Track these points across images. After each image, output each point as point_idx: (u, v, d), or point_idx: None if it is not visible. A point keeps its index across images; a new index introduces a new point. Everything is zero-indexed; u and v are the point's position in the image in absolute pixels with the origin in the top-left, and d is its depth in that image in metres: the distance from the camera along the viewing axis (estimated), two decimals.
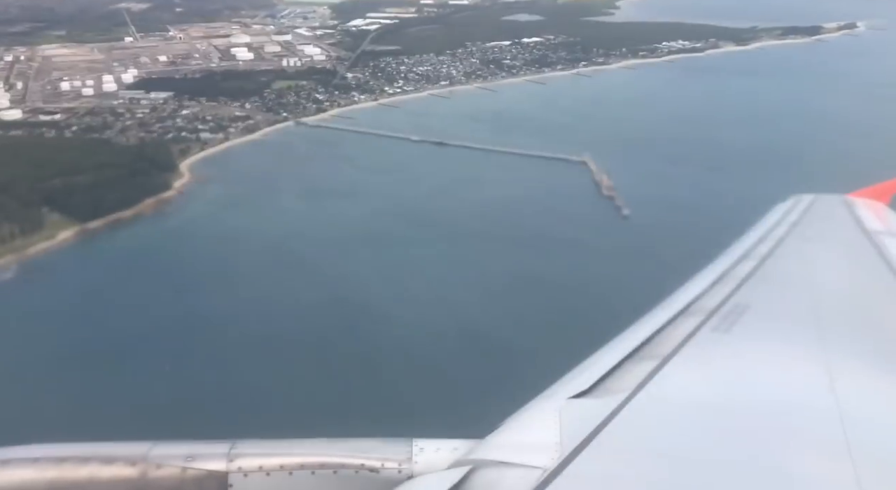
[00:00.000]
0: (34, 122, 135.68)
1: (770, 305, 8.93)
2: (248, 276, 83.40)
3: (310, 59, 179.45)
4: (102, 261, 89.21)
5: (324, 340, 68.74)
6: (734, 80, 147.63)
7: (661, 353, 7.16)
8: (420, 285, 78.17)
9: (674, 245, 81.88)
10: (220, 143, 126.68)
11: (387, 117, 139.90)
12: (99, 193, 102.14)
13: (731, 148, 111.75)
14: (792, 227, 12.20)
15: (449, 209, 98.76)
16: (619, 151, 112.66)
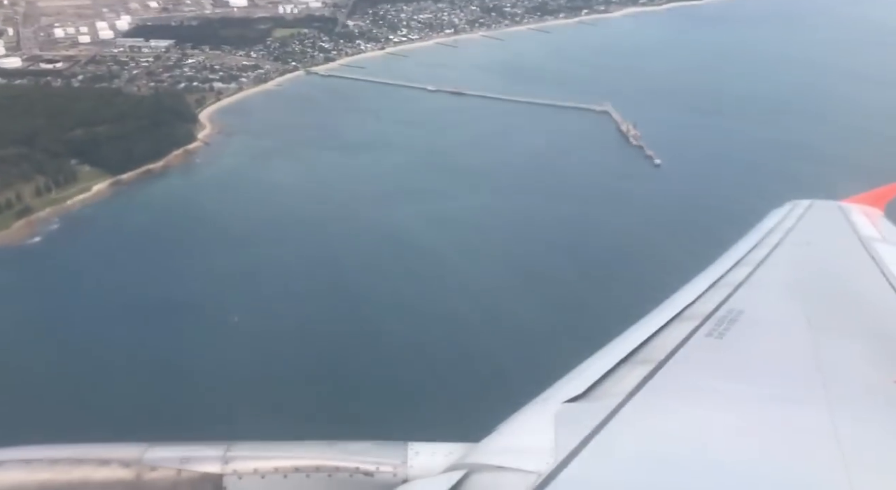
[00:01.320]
0: (36, 70, 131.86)
1: (764, 311, 9.02)
2: (295, 228, 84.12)
3: (305, 6, 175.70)
4: (144, 213, 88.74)
5: (400, 293, 70.31)
6: (741, 29, 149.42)
7: (655, 358, 7.26)
8: (479, 240, 79.55)
9: (712, 192, 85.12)
10: (235, 92, 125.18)
11: (397, 67, 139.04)
12: (126, 145, 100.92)
13: (747, 97, 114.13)
14: (787, 233, 12.21)
15: (484, 160, 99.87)
16: (638, 101, 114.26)
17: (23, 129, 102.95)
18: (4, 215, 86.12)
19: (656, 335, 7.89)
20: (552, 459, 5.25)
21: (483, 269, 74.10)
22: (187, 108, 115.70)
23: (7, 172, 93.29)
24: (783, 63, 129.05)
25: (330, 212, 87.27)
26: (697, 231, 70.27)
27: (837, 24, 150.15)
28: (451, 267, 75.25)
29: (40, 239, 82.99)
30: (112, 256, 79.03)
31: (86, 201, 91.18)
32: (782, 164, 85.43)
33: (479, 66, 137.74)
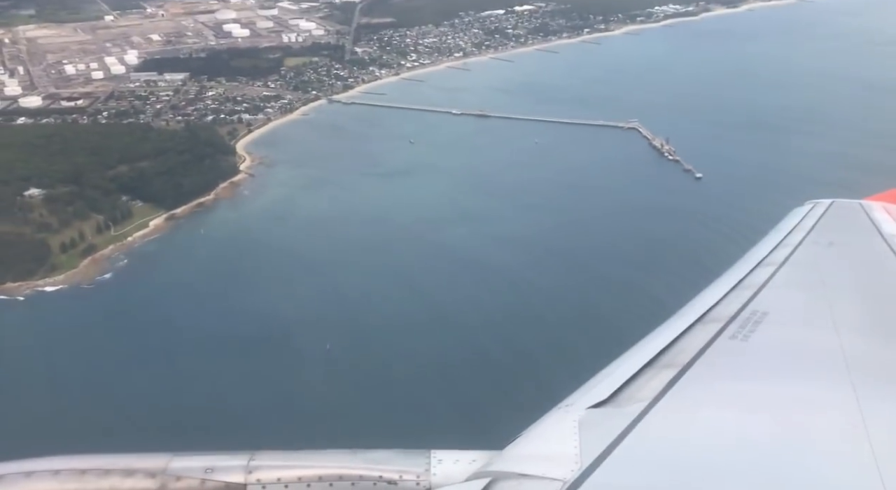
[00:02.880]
0: (58, 108, 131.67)
1: (789, 313, 8.89)
2: (362, 253, 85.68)
3: (308, 34, 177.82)
4: (208, 246, 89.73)
5: (486, 311, 72.38)
6: (743, 44, 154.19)
7: (679, 362, 7.19)
8: (547, 256, 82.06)
9: (762, 201, 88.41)
10: (264, 123, 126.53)
11: (415, 91, 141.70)
12: (174, 179, 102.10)
13: (770, 108, 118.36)
14: (809, 233, 12.16)
15: (525, 180, 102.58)
16: (663, 116, 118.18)
17: (66, 168, 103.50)
18: (70, 254, 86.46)
19: (680, 338, 7.90)
20: (577, 466, 5.23)
21: (561, 283, 76.63)
22: (223, 141, 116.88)
23: (63, 211, 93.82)
24: (796, 74, 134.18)
25: (392, 235, 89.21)
26: (758, 238, 73.79)
27: (840, 35, 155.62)
28: (527, 283, 77.64)
29: (111, 276, 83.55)
30: (187, 290, 79.99)
31: (146, 237, 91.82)
32: (824, 172, 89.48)
33: (497, 87, 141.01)
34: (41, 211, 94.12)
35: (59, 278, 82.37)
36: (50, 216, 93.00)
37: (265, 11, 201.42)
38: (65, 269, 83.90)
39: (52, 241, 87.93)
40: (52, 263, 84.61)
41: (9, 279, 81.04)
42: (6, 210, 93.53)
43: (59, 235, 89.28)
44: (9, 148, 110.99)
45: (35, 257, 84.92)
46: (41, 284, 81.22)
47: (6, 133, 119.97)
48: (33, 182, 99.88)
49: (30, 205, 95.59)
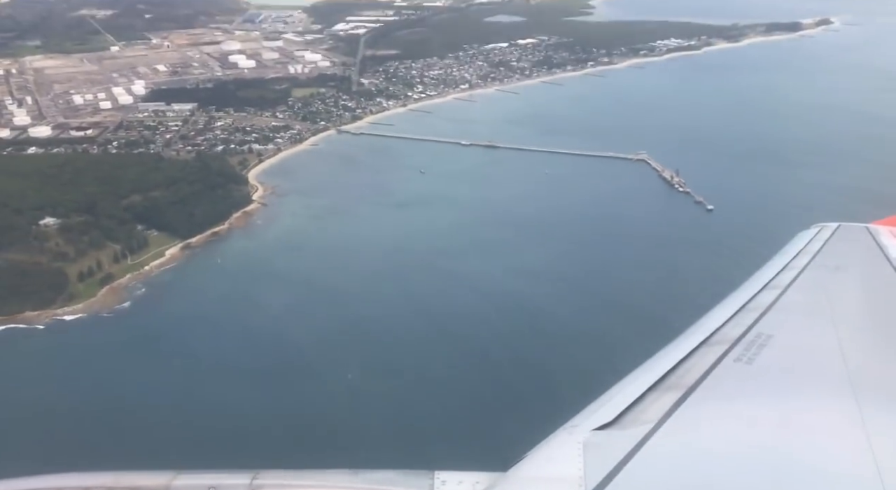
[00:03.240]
0: (67, 138, 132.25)
1: (795, 336, 8.80)
2: (381, 283, 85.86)
3: (314, 65, 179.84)
4: (225, 275, 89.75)
5: (511, 344, 72.60)
6: (747, 78, 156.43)
7: (684, 384, 7.13)
8: (569, 289, 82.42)
9: (775, 233, 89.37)
10: (274, 153, 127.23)
11: (423, 122, 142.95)
12: (187, 209, 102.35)
13: (774, 141, 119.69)
14: (815, 256, 12.09)
15: (538, 211, 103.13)
16: (671, 148, 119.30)
17: (80, 198, 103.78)
18: (88, 283, 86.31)
19: (685, 360, 7.87)
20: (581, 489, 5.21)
21: (578, 312, 76.97)
22: (235, 171, 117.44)
23: (79, 240, 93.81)
24: (802, 107, 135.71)
25: (407, 265, 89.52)
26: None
27: (842, 69, 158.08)
28: (544, 312, 77.90)
29: (130, 305, 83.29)
30: (207, 320, 79.94)
31: (163, 266, 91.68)
32: (837, 204, 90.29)
33: (504, 119, 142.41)
34: (57, 240, 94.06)
35: (78, 307, 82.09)
36: (66, 245, 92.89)
37: (270, 43, 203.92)
38: (83, 298, 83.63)
39: (69, 271, 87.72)
40: (70, 292, 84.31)
41: (28, 308, 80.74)
42: (21, 239, 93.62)
43: (76, 264, 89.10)
44: (21, 177, 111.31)
45: (53, 286, 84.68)
46: (60, 313, 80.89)
47: (18, 162, 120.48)
48: (47, 211, 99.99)
49: (45, 234, 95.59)
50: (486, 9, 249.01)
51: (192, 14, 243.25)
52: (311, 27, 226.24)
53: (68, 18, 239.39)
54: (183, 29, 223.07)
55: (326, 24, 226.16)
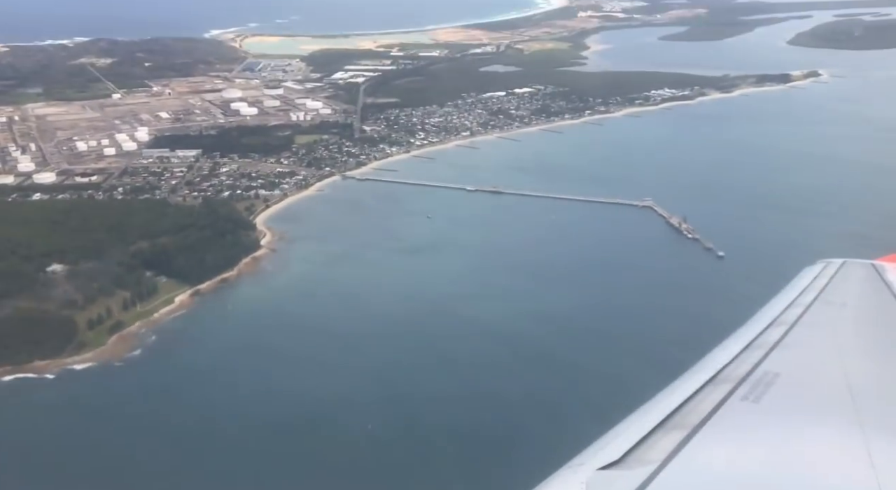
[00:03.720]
0: (73, 184, 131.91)
1: (802, 374, 8.67)
2: (396, 330, 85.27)
3: (315, 112, 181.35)
4: (235, 323, 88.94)
5: (537, 391, 71.88)
6: (744, 127, 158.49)
7: (689, 423, 7.05)
8: (590, 336, 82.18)
9: (789, 280, 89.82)
10: (281, 199, 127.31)
11: (427, 169, 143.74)
12: (196, 255, 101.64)
13: (779, 189, 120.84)
14: (821, 292, 12.00)
15: (548, 258, 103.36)
16: (676, 195, 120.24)
17: (87, 244, 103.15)
18: (97, 331, 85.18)
19: (690, 399, 7.76)
20: None
21: (595, 358, 76.58)
22: (243, 216, 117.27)
23: (87, 287, 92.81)
24: (804, 157, 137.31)
25: (420, 311, 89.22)
26: None
27: (840, 120, 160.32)
28: (561, 359, 77.44)
29: (141, 353, 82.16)
30: (220, 368, 79.05)
31: (173, 313, 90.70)
32: (848, 252, 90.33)
33: (507, 165, 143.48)
34: (65, 287, 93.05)
35: (88, 356, 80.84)
36: (74, 292, 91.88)
37: (271, 91, 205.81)
38: (93, 347, 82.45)
39: (78, 318, 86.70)
40: (79, 341, 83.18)
41: (37, 357, 79.47)
42: (29, 286, 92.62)
43: (85, 312, 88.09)
44: (28, 224, 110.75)
45: (62, 334, 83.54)
46: (69, 362, 79.61)
47: (23, 209, 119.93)
48: (55, 258, 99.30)
49: (53, 281, 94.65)
50: (481, 59, 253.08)
51: (191, 62, 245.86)
52: (311, 76, 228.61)
53: (68, 66, 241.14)
54: (183, 77, 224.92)
55: (325, 73, 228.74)
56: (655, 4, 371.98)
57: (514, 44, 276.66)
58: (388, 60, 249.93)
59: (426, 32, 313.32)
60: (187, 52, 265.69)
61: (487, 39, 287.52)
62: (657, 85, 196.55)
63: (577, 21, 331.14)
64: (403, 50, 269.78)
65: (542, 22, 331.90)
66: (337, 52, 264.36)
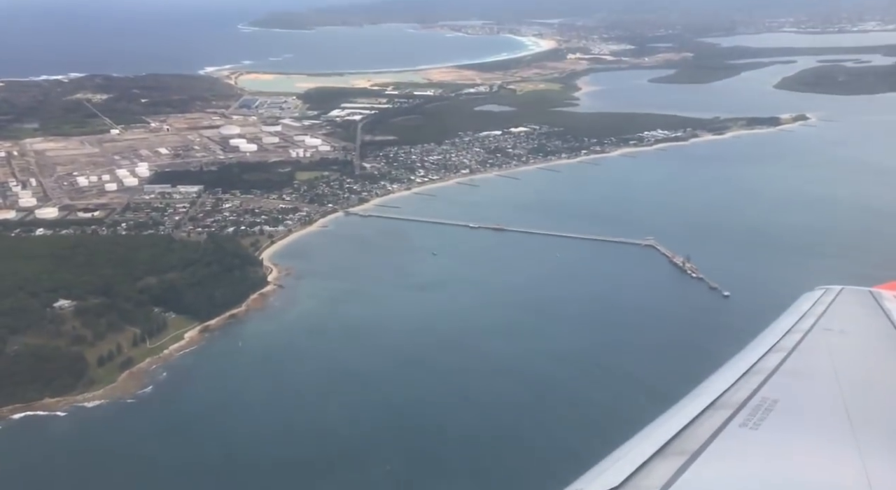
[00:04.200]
0: (75, 220, 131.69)
1: (801, 401, 8.63)
2: (411, 366, 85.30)
3: (315, 149, 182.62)
4: (246, 360, 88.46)
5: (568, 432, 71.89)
6: (740, 169, 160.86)
7: (688, 449, 7.02)
8: (606, 374, 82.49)
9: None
10: (285, 235, 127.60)
11: (429, 205, 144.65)
12: (204, 291, 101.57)
13: (780, 230, 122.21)
14: (819, 319, 12.15)
15: (554, 296, 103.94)
16: (677, 235, 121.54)
17: (94, 280, 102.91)
18: (107, 368, 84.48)
19: (689, 425, 7.81)
20: None
21: (611, 396, 76.66)
22: (249, 252, 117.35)
23: (96, 323, 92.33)
24: (802, 198, 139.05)
25: (432, 347, 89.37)
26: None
27: (832, 163, 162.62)
28: (579, 396, 77.65)
29: (152, 390, 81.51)
30: (233, 405, 78.50)
31: (183, 350, 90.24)
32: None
33: (508, 203, 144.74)
34: (74, 323, 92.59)
35: (99, 393, 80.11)
36: (83, 329, 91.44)
37: (269, 128, 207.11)
38: (104, 384, 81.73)
39: (88, 355, 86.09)
40: (90, 377, 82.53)
41: (47, 394, 78.68)
42: (37, 322, 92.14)
43: (94, 348, 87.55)
44: (33, 259, 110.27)
45: (72, 371, 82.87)
46: (80, 400, 78.84)
47: (27, 244, 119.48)
48: (62, 293, 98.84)
49: (61, 317, 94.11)
50: (475, 98, 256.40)
51: (187, 99, 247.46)
52: (307, 113, 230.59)
53: (64, 102, 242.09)
54: (180, 113, 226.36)
55: (322, 111, 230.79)
56: (642, 48, 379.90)
57: (506, 84, 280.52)
58: (384, 99, 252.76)
59: (419, 72, 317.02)
60: (183, 88, 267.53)
61: (480, 79, 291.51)
62: (650, 126, 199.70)
63: (567, 63, 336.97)
64: (398, 89, 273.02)
65: (533, 63, 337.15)
66: (332, 90, 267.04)
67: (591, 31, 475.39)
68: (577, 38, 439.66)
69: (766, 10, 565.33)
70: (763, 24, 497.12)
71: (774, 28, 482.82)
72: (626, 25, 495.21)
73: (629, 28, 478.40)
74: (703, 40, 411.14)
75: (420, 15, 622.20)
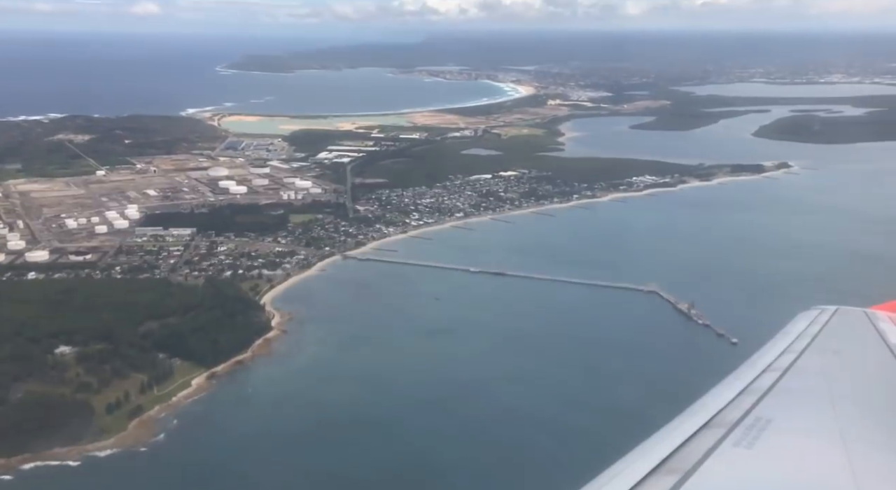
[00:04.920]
0: (67, 263, 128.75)
1: (795, 421, 8.65)
2: (431, 414, 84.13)
3: (306, 191, 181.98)
4: (258, 408, 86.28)
5: None
6: (731, 215, 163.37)
7: (682, 468, 7.00)
8: (625, 421, 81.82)
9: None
10: (284, 279, 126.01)
11: (426, 249, 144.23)
12: (208, 336, 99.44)
13: (779, 276, 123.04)
14: (813, 339, 12.20)
15: (566, 341, 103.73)
16: (677, 281, 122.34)
17: (94, 325, 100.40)
18: (116, 416, 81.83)
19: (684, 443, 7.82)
20: None
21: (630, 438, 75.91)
22: (250, 296, 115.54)
23: (100, 370, 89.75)
24: (795, 245, 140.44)
25: (454, 396, 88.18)
26: None
27: (820, 211, 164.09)
28: (602, 442, 76.70)
29: (164, 438, 79.11)
30: (250, 455, 76.37)
31: (191, 397, 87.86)
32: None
33: (505, 247, 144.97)
34: (77, 370, 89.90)
35: (110, 442, 77.52)
36: (87, 375, 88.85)
37: (258, 170, 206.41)
38: (114, 432, 79.13)
39: (95, 402, 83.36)
40: (99, 426, 79.83)
41: (57, 444, 75.86)
42: (39, 369, 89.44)
43: (101, 396, 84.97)
44: (29, 304, 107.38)
45: (80, 419, 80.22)
46: (91, 449, 76.15)
47: (21, 288, 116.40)
48: (62, 339, 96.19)
49: (63, 363, 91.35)
50: (461, 142, 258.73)
51: (171, 140, 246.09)
52: (295, 155, 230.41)
53: (46, 142, 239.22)
54: (166, 154, 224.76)
55: (309, 153, 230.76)
56: (619, 95, 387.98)
57: (490, 128, 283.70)
58: (371, 141, 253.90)
59: (403, 115, 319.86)
60: (167, 129, 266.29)
61: (464, 124, 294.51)
62: (637, 171, 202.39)
63: (548, 108, 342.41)
64: (384, 132, 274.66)
65: (514, 108, 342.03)
66: (318, 133, 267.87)
67: (567, 79, 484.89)
68: (555, 85, 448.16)
69: (736, 60, 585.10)
70: (734, 75, 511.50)
71: (745, 78, 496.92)
72: (601, 73, 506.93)
73: (604, 76, 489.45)
74: (677, 89, 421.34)
75: (397, 60, 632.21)
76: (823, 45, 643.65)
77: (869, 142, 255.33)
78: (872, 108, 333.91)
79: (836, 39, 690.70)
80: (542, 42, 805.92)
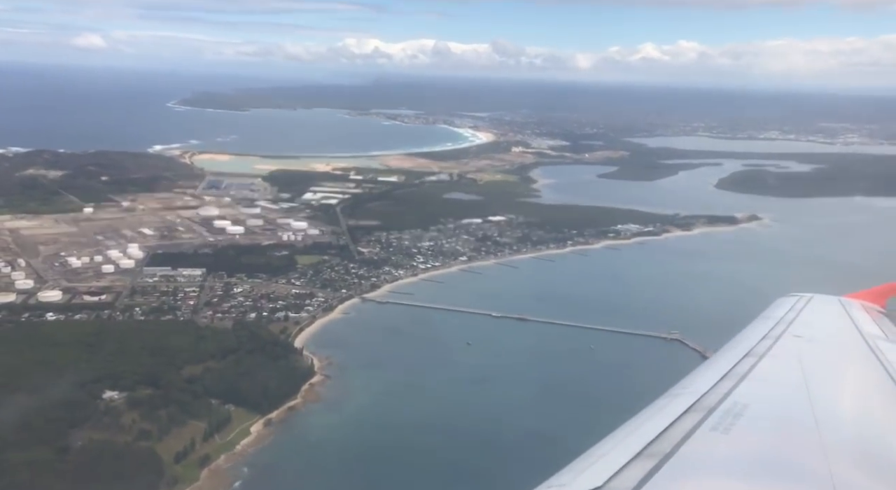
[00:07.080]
0: (83, 303, 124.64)
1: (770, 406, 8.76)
2: (499, 463, 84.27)
3: (304, 233, 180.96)
4: (329, 456, 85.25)
5: None
6: (725, 264, 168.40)
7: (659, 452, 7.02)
8: None
9: None
10: (310, 322, 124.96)
11: (440, 292, 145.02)
12: (255, 381, 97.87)
13: None
14: (790, 325, 12.45)
15: (604, 391, 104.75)
16: (695, 328, 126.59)
17: (137, 369, 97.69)
18: (185, 465, 79.67)
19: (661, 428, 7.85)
20: None
21: None
22: (287, 341, 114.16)
23: (156, 416, 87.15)
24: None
25: (519, 440, 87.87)
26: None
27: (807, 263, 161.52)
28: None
29: (241, 488, 77.03)
30: None
31: (254, 445, 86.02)
32: None
33: (518, 291, 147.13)
34: (131, 416, 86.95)
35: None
36: (142, 421, 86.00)
37: (248, 210, 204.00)
38: (187, 483, 77.05)
39: (159, 451, 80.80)
40: (170, 476, 77.36)
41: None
42: (92, 416, 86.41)
43: (161, 444, 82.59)
44: (60, 347, 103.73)
45: (149, 469, 77.74)
46: None
47: (46, 330, 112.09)
48: (106, 384, 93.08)
49: (115, 410, 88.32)
50: (439, 186, 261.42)
51: (148, 178, 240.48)
52: (279, 195, 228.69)
53: (19, 177, 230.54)
54: (147, 192, 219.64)
55: (293, 193, 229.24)
56: (577, 144, 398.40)
57: (464, 173, 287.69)
58: (352, 183, 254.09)
59: (374, 158, 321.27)
60: (140, 167, 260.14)
61: (437, 168, 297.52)
62: (620, 220, 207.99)
63: (514, 155, 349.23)
64: (361, 174, 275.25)
65: (481, 154, 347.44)
66: (297, 174, 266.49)
67: (522, 126, 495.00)
68: (513, 132, 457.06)
69: (677, 114, 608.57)
70: (679, 128, 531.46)
71: (689, 132, 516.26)
72: (553, 122, 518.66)
73: (556, 125, 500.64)
74: (629, 140, 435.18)
75: (349, 102, 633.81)
76: (761, 102, 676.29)
77: (824, 197, 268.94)
78: (816, 164, 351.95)
79: (773, 97, 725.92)
80: (491, 89, 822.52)
